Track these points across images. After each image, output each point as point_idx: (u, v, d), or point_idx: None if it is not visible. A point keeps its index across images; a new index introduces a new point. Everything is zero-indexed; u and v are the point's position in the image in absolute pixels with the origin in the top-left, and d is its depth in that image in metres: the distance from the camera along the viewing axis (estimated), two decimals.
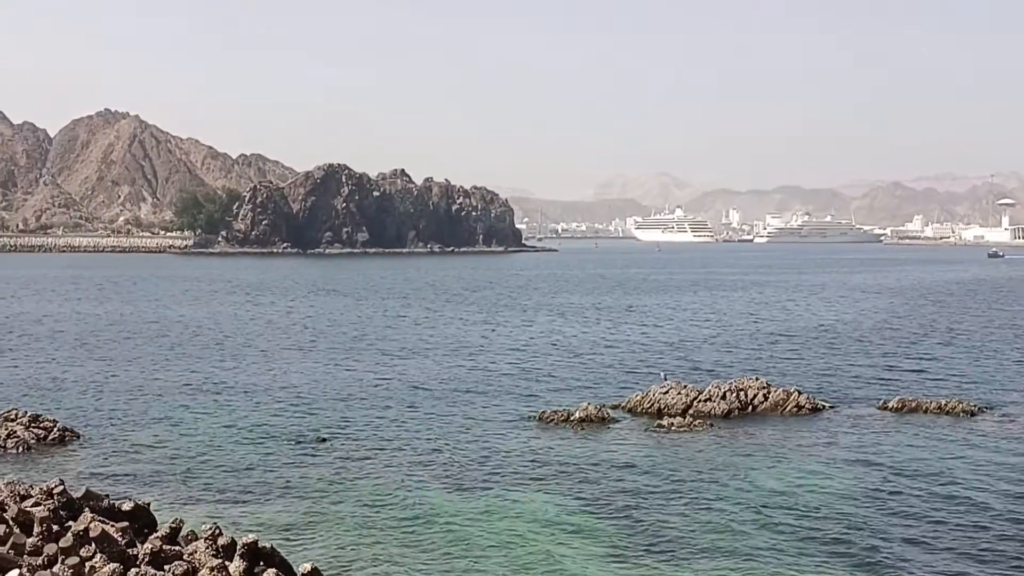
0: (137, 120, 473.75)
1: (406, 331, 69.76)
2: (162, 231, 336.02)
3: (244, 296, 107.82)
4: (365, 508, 25.03)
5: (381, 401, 41.00)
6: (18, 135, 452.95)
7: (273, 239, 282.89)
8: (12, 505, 19.39)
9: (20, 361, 53.36)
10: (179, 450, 31.69)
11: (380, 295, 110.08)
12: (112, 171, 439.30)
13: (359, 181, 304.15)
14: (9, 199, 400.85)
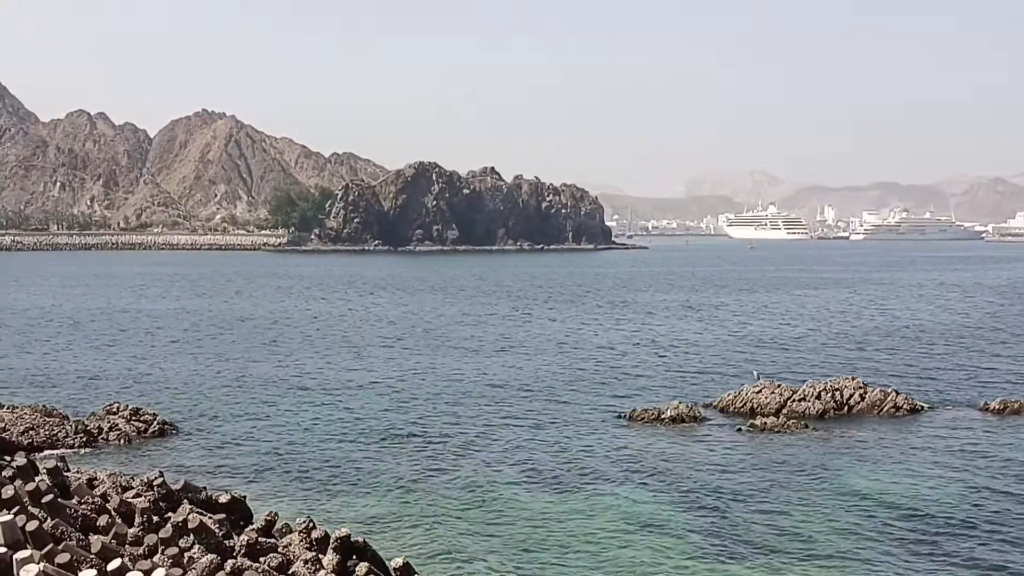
0: (233, 120, 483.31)
1: (494, 328, 69.90)
2: (256, 229, 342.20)
3: (335, 293, 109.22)
4: (455, 504, 25.10)
5: (470, 398, 41.12)
6: (120, 136, 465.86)
7: (364, 237, 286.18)
8: (114, 496, 19.87)
9: (122, 355, 54.78)
10: (272, 444, 32.17)
11: (469, 292, 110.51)
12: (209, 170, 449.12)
13: (449, 179, 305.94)
14: (111, 198, 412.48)
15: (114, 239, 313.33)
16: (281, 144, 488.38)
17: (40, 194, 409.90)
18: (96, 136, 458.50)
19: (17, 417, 32.41)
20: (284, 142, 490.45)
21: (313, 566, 16.30)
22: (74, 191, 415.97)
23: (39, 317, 77.78)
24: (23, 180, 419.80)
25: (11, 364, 51.00)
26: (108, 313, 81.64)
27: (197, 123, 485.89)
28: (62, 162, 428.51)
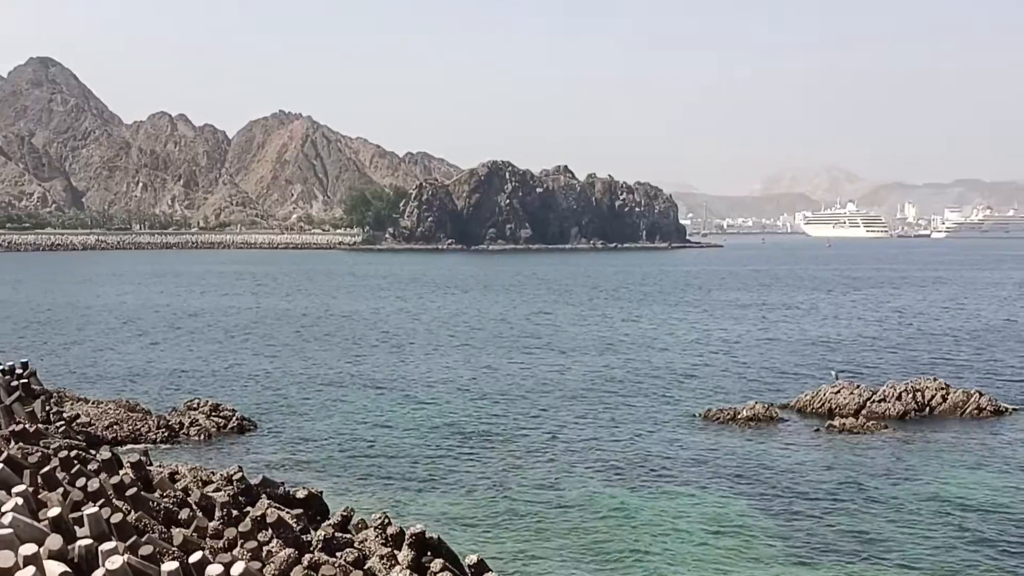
0: (309, 121, 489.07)
1: (566, 328, 69.80)
2: (332, 228, 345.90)
3: (408, 292, 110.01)
4: (529, 502, 25.10)
5: (542, 396, 41.10)
6: (199, 137, 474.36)
7: (438, 236, 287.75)
8: (195, 490, 20.23)
9: (200, 352, 55.79)
10: (347, 441, 32.48)
11: (541, 292, 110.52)
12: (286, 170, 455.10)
13: (522, 178, 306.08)
14: (191, 198, 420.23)
15: (194, 238, 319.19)
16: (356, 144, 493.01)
17: (123, 194, 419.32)
18: (177, 137, 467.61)
19: (102, 412, 33.18)
20: (359, 142, 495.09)
21: (388, 562, 16.42)
22: (155, 191, 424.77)
23: (122, 315, 79.56)
24: (107, 181, 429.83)
25: (96, 360, 52.23)
26: (187, 311, 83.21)
27: (274, 124, 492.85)
28: (144, 163, 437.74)
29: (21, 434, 24.95)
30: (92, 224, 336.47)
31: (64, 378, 44.54)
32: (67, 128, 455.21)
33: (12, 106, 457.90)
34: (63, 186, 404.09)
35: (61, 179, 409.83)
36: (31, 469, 19.82)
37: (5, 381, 33.46)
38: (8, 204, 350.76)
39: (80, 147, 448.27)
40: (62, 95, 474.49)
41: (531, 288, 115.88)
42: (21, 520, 13.58)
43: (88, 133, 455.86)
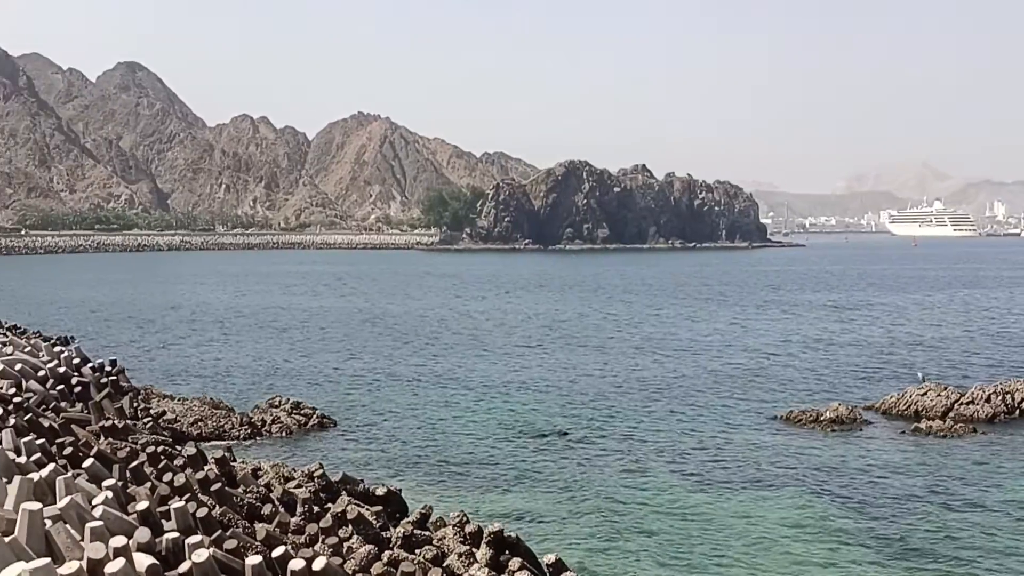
0: (388, 122, 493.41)
1: (642, 327, 69.43)
2: (410, 228, 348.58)
3: (485, 291, 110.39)
4: (607, 502, 25.01)
5: (618, 396, 40.93)
6: (280, 139, 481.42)
7: (515, 236, 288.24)
8: (277, 486, 20.55)
9: (281, 351, 56.64)
10: (425, 439, 32.70)
11: (619, 291, 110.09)
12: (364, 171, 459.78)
13: (600, 177, 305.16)
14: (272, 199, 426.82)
15: (275, 239, 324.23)
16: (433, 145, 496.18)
17: (207, 196, 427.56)
18: (258, 140, 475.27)
19: (187, 409, 33.86)
20: (436, 142, 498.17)
21: (467, 560, 16.50)
22: (238, 193, 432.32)
23: (205, 314, 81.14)
24: (191, 183, 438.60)
25: (181, 358, 53.33)
26: (268, 310, 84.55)
27: (353, 125, 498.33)
28: (227, 165, 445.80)
29: (110, 430, 25.61)
30: (177, 225, 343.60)
31: (150, 376, 45.57)
32: (153, 131, 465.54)
33: (101, 110, 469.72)
34: (149, 188, 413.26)
35: (147, 181, 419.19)
36: (120, 464, 20.33)
37: (95, 378, 34.37)
38: (97, 206, 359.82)
39: (166, 150, 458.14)
40: (148, 99, 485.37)
41: (607, 288, 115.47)
42: (111, 513, 13.93)
43: (173, 136, 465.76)
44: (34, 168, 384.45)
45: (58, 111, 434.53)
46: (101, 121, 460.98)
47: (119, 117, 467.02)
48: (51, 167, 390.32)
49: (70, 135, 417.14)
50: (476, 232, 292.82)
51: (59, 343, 46.61)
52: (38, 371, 32.65)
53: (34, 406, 26.58)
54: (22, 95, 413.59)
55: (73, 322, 72.00)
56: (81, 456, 20.45)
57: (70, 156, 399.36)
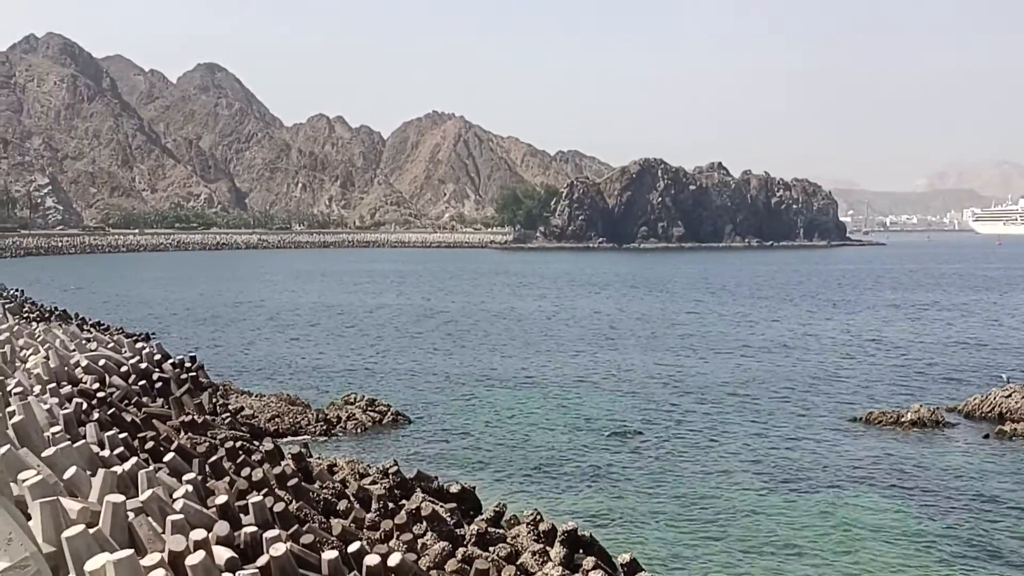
0: (462, 120, 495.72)
1: (716, 327, 68.75)
2: (483, 227, 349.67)
3: (559, 290, 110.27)
4: (681, 502, 24.78)
5: (691, 397, 40.54)
6: (356, 138, 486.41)
7: (589, 234, 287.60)
8: (353, 482, 20.71)
9: (355, 348, 57.15)
10: (499, 437, 32.71)
11: (693, 290, 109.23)
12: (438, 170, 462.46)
13: (675, 175, 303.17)
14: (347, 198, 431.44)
15: (350, 237, 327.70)
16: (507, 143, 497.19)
17: (283, 195, 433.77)
18: (334, 139, 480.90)
19: (264, 405, 34.32)
20: (510, 141, 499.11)
21: (541, 558, 16.46)
22: (314, 192, 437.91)
23: (282, 311, 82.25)
24: (268, 182, 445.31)
25: (258, 355, 54.09)
26: (343, 308, 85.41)
27: (428, 124, 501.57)
28: (303, 164, 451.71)
29: (190, 425, 26.06)
30: (254, 224, 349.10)
31: (228, 372, 46.27)
32: (231, 131, 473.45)
33: (181, 111, 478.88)
34: (228, 187, 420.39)
35: (226, 180, 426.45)
36: (200, 458, 20.67)
37: (175, 374, 35.01)
38: (177, 205, 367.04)
39: (244, 149, 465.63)
40: (227, 99, 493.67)
41: (682, 287, 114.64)
42: (192, 506, 14.14)
43: (251, 136, 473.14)
44: (117, 168, 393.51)
45: (140, 112, 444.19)
46: (181, 121, 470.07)
47: (199, 117, 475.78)
48: (133, 167, 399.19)
49: (151, 135, 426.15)
50: (550, 231, 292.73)
51: (141, 339, 47.59)
52: (121, 367, 33.35)
53: (117, 401, 27.15)
54: (106, 96, 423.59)
55: (154, 319, 73.46)
56: (162, 450, 20.84)
57: (151, 156, 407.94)
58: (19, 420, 16.84)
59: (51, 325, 46.78)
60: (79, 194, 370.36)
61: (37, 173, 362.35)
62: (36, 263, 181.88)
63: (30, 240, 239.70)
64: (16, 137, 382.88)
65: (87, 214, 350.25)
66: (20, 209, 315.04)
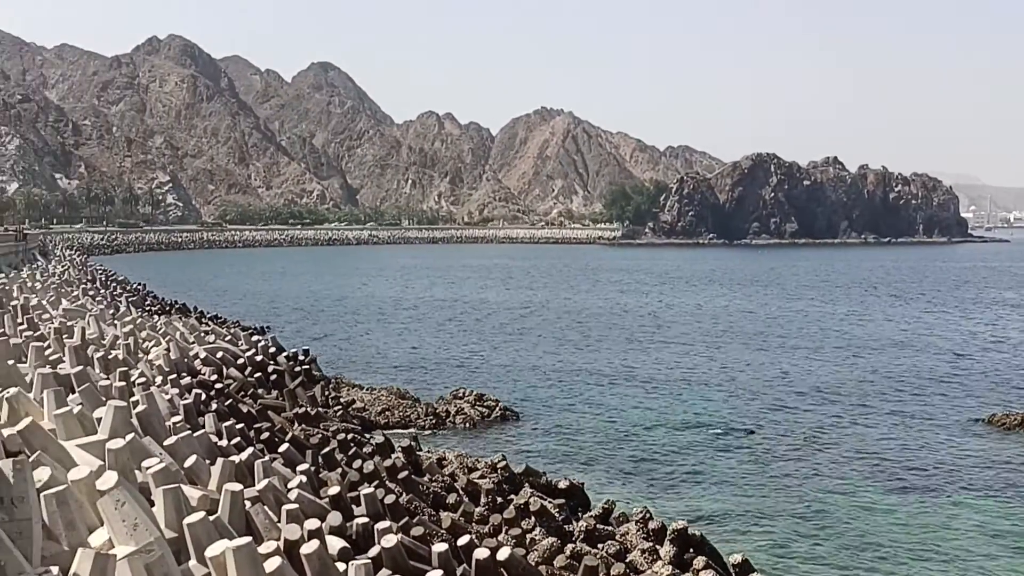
0: (570, 116, 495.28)
1: (830, 325, 67.32)
2: (592, 223, 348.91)
3: (667, 286, 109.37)
4: (794, 503, 24.31)
5: (804, 396, 39.76)
6: (465, 135, 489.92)
7: (699, 230, 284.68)
8: (462, 476, 20.84)
9: (463, 343, 57.54)
10: (607, 434, 32.56)
11: (807, 287, 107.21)
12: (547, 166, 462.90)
13: (788, 170, 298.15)
14: (456, 194, 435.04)
15: (458, 233, 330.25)
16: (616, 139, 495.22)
17: (394, 191, 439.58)
18: (444, 136, 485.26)
19: (375, 398, 34.80)
20: (619, 136, 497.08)
21: (650, 556, 16.33)
22: (423, 188, 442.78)
23: (392, 306, 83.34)
24: (379, 178, 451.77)
25: (368, 348, 54.88)
26: (452, 303, 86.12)
27: (536, 120, 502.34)
28: (413, 161, 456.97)
29: (304, 416, 26.56)
30: (365, 220, 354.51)
31: (340, 365, 47.02)
32: (344, 129, 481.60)
33: (295, 109, 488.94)
34: (339, 184, 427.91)
35: (338, 177, 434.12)
36: (313, 449, 21.06)
37: (289, 367, 35.73)
38: (291, 201, 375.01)
39: (355, 147, 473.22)
40: (339, 97, 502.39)
41: (795, 284, 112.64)
42: (305, 496, 14.40)
43: (362, 133, 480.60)
44: (234, 165, 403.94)
45: (256, 111, 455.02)
46: (295, 120, 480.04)
47: (312, 116, 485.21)
48: (249, 164, 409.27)
49: (267, 133, 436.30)
50: (659, 226, 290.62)
51: (256, 332, 48.73)
52: (237, 359, 34.17)
53: (234, 392, 27.83)
54: (224, 96, 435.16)
55: (268, 312, 75.12)
56: (277, 441, 21.28)
57: (267, 154, 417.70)
58: (142, 410, 17.37)
59: (171, 318, 48.21)
60: (198, 191, 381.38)
61: (159, 171, 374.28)
62: (157, 258, 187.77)
63: (151, 236, 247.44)
64: (139, 136, 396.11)
65: (205, 210, 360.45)
66: (142, 206, 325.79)
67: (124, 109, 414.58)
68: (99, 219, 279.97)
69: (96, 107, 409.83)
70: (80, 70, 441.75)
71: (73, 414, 15.27)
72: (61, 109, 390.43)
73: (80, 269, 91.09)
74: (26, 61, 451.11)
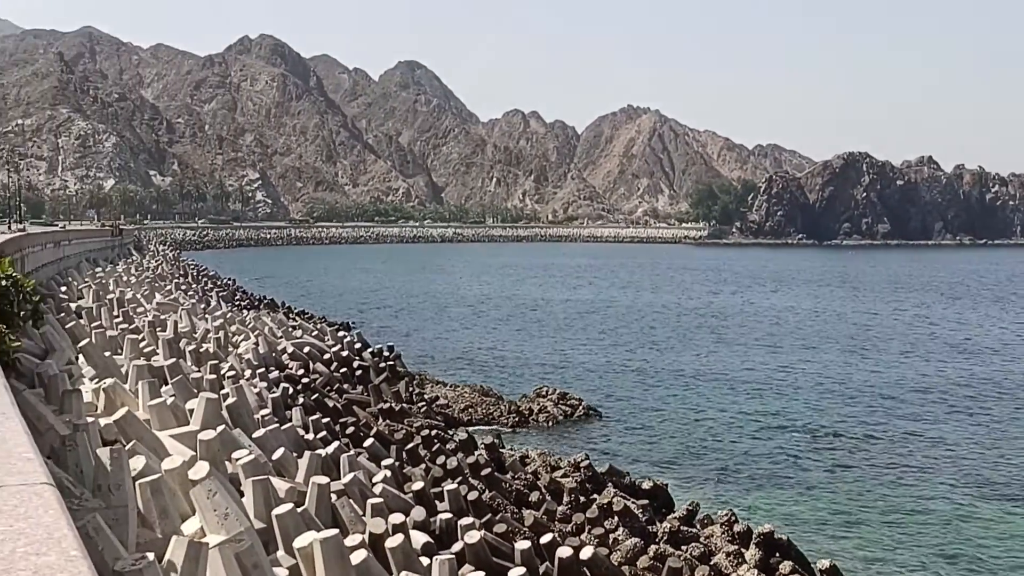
0: (657, 115, 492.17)
1: (922, 328, 65.83)
2: (677, 222, 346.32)
3: (755, 287, 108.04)
4: (883, 509, 23.81)
5: (898, 400, 38.93)
6: (550, 133, 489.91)
7: (787, 230, 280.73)
8: (544, 474, 20.83)
9: (545, 342, 57.51)
10: (690, 435, 32.26)
11: (899, 290, 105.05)
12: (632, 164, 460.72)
13: (881, 170, 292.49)
14: (541, 192, 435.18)
15: (542, 231, 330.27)
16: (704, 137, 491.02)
17: (478, 189, 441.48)
18: (529, 134, 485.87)
19: (458, 395, 34.98)
20: (707, 135, 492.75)
21: (735, 559, 16.15)
22: (508, 186, 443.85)
23: (475, 303, 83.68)
24: (464, 176, 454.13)
25: (452, 346, 55.17)
26: (534, 302, 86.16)
27: (622, 119, 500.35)
28: (498, 159, 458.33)
29: (388, 412, 26.81)
30: (450, 218, 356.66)
31: (424, 362, 47.35)
32: (429, 127, 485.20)
33: (382, 107, 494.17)
34: (425, 182, 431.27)
35: (423, 175, 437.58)
36: (397, 445, 21.25)
37: (374, 363, 36.12)
38: (377, 199, 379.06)
39: (441, 145, 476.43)
40: (425, 96, 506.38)
41: (887, 286, 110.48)
42: (390, 491, 14.54)
43: (448, 131, 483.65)
44: (322, 163, 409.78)
45: (343, 109, 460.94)
46: (382, 118, 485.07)
47: (398, 114, 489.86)
48: (337, 162, 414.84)
49: (354, 132, 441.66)
50: (746, 226, 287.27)
51: (342, 328, 49.36)
52: (323, 354, 34.66)
53: (320, 387, 28.23)
54: (312, 94, 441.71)
55: (354, 308, 76.00)
56: (362, 436, 21.53)
57: (354, 152, 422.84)
58: (232, 402, 17.72)
59: (260, 313, 49.06)
60: (286, 188, 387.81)
61: (249, 168, 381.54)
62: (246, 254, 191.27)
63: (241, 232, 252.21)
64: (230, 134, 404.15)
65: (293, 207, 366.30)
66: (233, 202, 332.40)
67: (216, 107, 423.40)
68: (191, 215, 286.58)
69: (189, 105, 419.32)
70: (174, 69, 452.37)
71: (166, 405, 15.64)
72: (156, 107, 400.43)
73: (173, 264, 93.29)
74: (123, 61, 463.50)
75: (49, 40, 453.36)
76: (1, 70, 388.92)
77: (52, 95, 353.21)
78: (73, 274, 49.18)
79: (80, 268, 54.53)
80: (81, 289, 40.24)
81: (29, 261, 36.79)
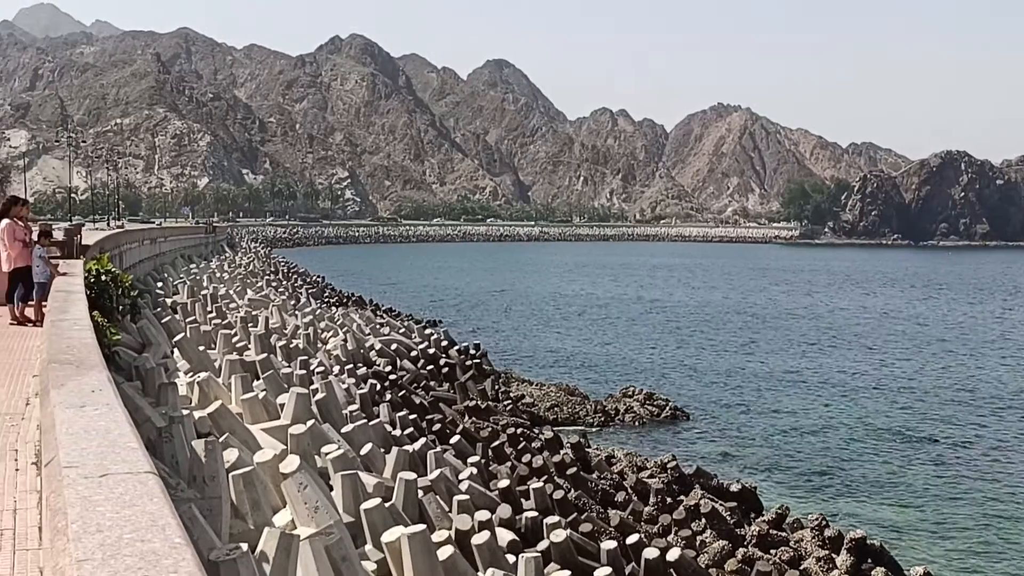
0: (748, 113, 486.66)
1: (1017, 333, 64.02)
2: (768, 221, 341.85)
3: (848, 288, 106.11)
4: (980, 517, 23.16)
5: (995, 406, 37.84)
6: (638, 131, 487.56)
7: (882, 230, 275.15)
8: (630, 474, 20.72)
9: (632, 342, 57.21)
10: (779, 438, 31.81)
11: (1000, 291, 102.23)
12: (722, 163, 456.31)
13: (980, 169, 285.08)
14: (628, 191, 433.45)
15: (630, 230, 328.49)
16: (796, 135, 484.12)
17: (565, 188, 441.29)
18: (616, 132, 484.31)
19: (544, 394, 34.98)
20: (799, 133, 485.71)
21: (826, 565, 15.88)
22: (595, 185, 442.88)
23: (560, 302, 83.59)
24: (551, 175, 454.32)
25: (538, 344, 55.18)
26: (621, 301, 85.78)
27: (712, 117, 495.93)
28: (585, 158, 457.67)
29: (474, 410, 26.92)
30: (536, 216, 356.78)
31: (510, 360, 47.43)
32: (517, 126, 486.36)
33: (470, 106, 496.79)
34: (512, 180, 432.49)
35: (510, 174, 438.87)
36: (483, 442, 21.32)
37: (460, 360, 36.30)
38: (464, 197, 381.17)
39: (528, 143, 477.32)
40: (513, 94, 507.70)
41: (987, 288, 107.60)
42: (476, 488, 14.59)
43: (535, 130, 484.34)
44: (409, 162, 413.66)
45: (432, 108, 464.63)
46: (470, 117, 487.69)
47: (486, 113, 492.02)
48: (424, 161, 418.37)
49: (442, 130, 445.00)
50: (839, 226, 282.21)
51: (428, 325, 49.72)
52: (410, 351, 34.95)
53: (407, 383, 28.47)
54: (401, 94, 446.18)
55: (440, 306, 76.49)
56: (448, 433, 21.65)
57: (441, 150, 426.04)
58: (322, 397, 17.96)
59: (348, 310, 49.69)
60: (375, 187, 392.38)
61: (338, 167, 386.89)
62: (334, 251, 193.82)
63: (330, 230, 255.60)
64: (320, 133, 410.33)
65: (381, 206, 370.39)
66: (322, 200, 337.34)
67: (307, 107, 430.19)
68: (282, 213, 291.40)
69: (281, 105, 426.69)
70: (267, 69, 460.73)
71: (258, 399, 15.92)
72: (249, 107, 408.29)
73: (264, 261, 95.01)
74: (217, 61, 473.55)
75: (147, 41, 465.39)
76: (101, 71, 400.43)
77: (149, 95, 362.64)
78: (168, 270, 50.41)
79: (175, 264, 55.87)
80: (176, 285, 41.23)
81: (127, 257, 37.81)
